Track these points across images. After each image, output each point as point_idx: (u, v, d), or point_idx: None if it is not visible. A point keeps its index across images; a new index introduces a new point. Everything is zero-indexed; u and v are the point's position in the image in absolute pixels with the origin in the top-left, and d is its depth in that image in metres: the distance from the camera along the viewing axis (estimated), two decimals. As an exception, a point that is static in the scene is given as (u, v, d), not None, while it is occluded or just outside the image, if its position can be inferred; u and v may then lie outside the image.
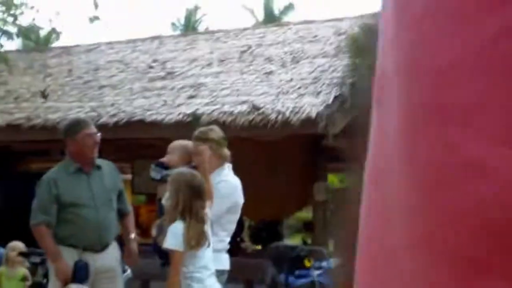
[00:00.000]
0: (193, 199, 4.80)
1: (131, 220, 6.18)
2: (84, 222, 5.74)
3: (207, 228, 4.89)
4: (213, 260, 5.02)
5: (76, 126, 6.08)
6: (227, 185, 5.45)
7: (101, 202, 5.83)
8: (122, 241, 6.25)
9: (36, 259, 6.89)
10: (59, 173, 5.91)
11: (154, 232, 5.47)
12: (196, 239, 4.73)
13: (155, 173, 5.63)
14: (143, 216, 10.97)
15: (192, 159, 5.62)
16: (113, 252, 5.93)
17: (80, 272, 5.63)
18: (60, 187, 5.80)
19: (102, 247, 5.80)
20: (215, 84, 11.47)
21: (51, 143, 11.20)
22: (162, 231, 5.16)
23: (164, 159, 5.71)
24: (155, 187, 5.79)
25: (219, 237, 5.30)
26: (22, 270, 7.35)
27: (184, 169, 5.19)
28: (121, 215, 6.06)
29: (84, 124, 6.12)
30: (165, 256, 5.09)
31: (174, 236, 4.73)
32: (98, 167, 5.98)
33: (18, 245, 7.36)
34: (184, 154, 5.75)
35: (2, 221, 11.40)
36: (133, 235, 6.08)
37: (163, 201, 5.11)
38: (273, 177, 11.00)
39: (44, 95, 12.66)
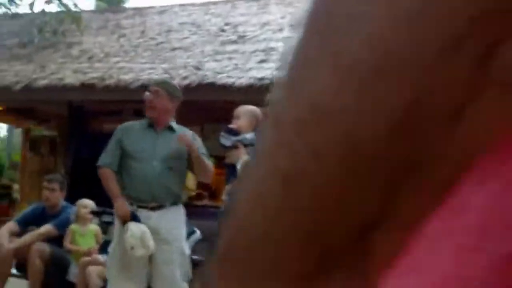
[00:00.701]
0: None
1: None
2: (138, 176, 5.80)
3: None
4: None
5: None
6: None
7: (161, 162, 5.86)
8: (187, 205, 6.29)
9: (108, 218, 7.00)
10: (133, 124, 6.08)
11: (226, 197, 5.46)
12: None
13: (225, 140, 5.62)
14: (212, 179, 11.02)
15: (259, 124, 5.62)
16: (171, 214, 5.92)
17: (139, 219, 5.72)
18: (126, 135, 5.95)
19: (156, 206, 5.86)
20: (286, 49, 11.46)
21: (123, 103, 11.38)
22: None
23: (233, 126, 5.71)
24: (224, 150, 5.79)
25: None
26: (94, 226, 7.50)
27: None
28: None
29: (152, 82, 6.30)
30: None
31: None
32: (171, 129, 6.03)
33: (89, 202, 7.49)
34: (252, 119, 5.73)
35: (73, 180, 11.63)
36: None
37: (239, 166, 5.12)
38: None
39: None
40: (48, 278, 7.35)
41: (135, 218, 5.71)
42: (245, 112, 5.82)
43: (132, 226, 5.66)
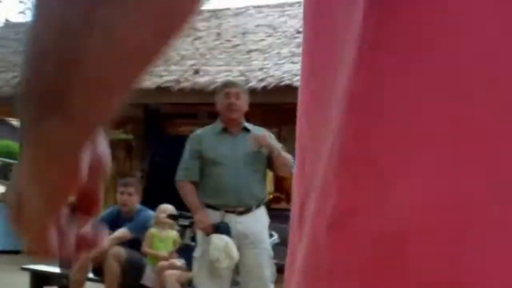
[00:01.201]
0: None
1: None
2: (224, 182, 5.73)
3: None
4: None
5: (221, 86, 6.20)
6: None
7: (243, 164, 5.78)
8: (269, 207, 6.21)
9: (185, 222, 6.94)
10: (206, 131, 5.98)
11: None
12: None
13: None
14: (290, 182, 10.86)
15: None
16: (257, 217, 5.87)
17: (222, 230, 5.65)
18: (203, 143, 5.85)
19: (243, 210, 5.78)
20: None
21: (199, 106, 11.31)
22: None
23: None
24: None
25: None
26: (173, 233, 7.42)
27: None
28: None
29: (227, 84, 6.18)
30: None
31: None
32: (247, 130, 5.95)
33: (168, 207, 7.42)
34: None
35: (151, 184, 11.60)
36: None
37: None
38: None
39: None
40: (124, 282, 7.31)
41: (217, 229, 5.65)
42: None
43: (215, 238, 5.61)
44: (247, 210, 5.79)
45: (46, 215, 0.66)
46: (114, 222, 7.63)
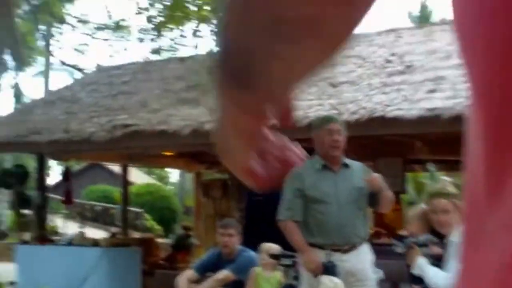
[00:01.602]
0: None
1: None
2: (328, 220, 5.65)
3: None
4: None
5: (318, 121, 6.11)
6: None
7: (346, 201, 5.70)
8: (369, 242, 6.10)
9: (287, 261, 6.86)
10: (306, 168, 5.80)
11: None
12: None
13: (397, 248, 5.64)
14: (390, 216, 10.68)
15: (432, 224, 5.40)
16: (362, 254, 5.77)
17: (329, 270, 5.55)
18: (305, 181, 5.77)
19: (348, 248, 5.66)
20: (456, 77, 10.95)
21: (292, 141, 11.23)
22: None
23: (402, 232, 5.62)
24: (401, 184, 5.57)
25: None
26: (278, 274, 7.33)
27: None
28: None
29: (325, 120, 6.07)
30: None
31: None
32: (346, 166, 5.85)
33: (272, 246, 7.33)
34: (423, 221, 5.67)
35: (250, 223, 11.53)
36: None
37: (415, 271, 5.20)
38: None
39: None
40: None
41: (326, 270, 5.56)
42: (416, 216, 5.76)
43: (325, 280, 5.53)
44: (352, 248, 5.69)
45: (241, 155, 0.86)
46: (215, 264, 7.61)
